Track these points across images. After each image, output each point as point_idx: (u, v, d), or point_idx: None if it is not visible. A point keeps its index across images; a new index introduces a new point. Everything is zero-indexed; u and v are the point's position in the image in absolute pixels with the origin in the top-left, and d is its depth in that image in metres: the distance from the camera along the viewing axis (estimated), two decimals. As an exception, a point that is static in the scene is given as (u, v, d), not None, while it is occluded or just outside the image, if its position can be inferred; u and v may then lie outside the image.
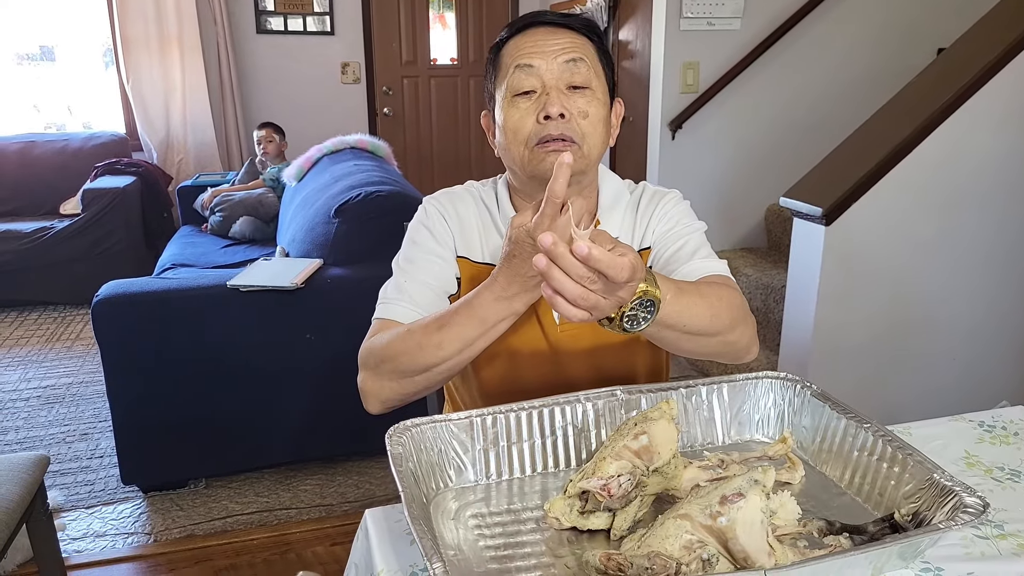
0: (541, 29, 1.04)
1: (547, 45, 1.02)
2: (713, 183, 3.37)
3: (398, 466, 0.84)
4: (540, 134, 1.01)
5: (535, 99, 1.02)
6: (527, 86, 1.02)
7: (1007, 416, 1.16)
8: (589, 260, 0.69)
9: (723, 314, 0.94)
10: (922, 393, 2.29)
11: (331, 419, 2.33)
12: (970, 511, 0.76)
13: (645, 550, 0.74)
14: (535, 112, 1.02)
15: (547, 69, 1.01)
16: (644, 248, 1.13)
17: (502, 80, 1.05)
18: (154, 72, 4.49)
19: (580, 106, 1.02)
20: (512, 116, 1.03)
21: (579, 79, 1.02)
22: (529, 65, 1.01)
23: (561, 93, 1.01)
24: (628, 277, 0.71)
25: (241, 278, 2.25)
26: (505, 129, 1.04)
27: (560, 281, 0.71)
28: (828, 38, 3.32)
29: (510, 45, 1.05)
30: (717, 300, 0.94)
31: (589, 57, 1.04)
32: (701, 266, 1.06)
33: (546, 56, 1.01)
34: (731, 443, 1.04)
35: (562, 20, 1.05)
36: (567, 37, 1.03)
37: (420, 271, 1.08)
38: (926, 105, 2.13)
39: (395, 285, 1.08)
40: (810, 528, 0.81)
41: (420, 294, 1.06)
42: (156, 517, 2.20)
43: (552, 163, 1.01)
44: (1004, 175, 2.19)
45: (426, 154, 5.17)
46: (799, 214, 2.18)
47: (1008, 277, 2.27)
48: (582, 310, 0.73)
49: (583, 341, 1.11)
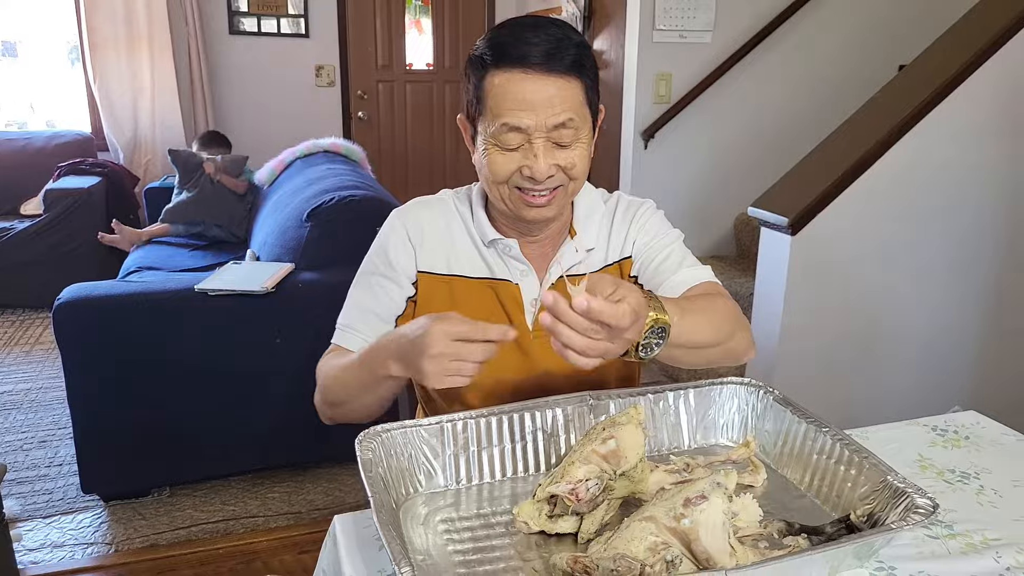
0: (530, 77, 0.97)
1: (537, 101, 0.97)
2: (685, 192, 3.42)
3: (367, 471, 0.85)
4: (522, 183, 1.02)
5: (520, 149, 1.00)
6: (514, 143, 0.99)
7: (959, 420, 1.20)
8: (590, 314, 0.73)
9: (723, 325, 1.00)
10: (882, 398, 2.35)
11: (300, 425, 2.31)
12: (921, 511, 0.79)
13: (611, 552, 0.75)
14: (519, 162, 1.00)
15: (536, 128, 0.98)
16: (625, 258, 1.16)
17: (486, 122, 1.01)
18: (122, 71, 4.42)
19: (566, 160, 1.01)
20: (495, 161, 1.01)
21: (567, 138, 0.99)
22: (518, 128, 0.98)
23: (549, 152, 0.99)
24: (630, 322, 0.76)
25: (210, 282, 2.23)
26: (486, 169, 1.03)
27: (567, 336, 0.76)
28: (795, 53, 3.39)
29: (496, 85, 0.98)
30: (716, 312, 1.00)
31: (577, 106, 0.99)
32: (690, 275, 1.10)
33: (536, 114, 0.97)
34: (697, 447, 1.06)
35: (551, 63, 0.97)
36: (556, 87, 0.97)
37: (371, 298, 1.13)
38: (888, 119, 2.19)
39: (348, 312, 1.14)
40: (770, 529, 0.83)
41: (367, 323, 1.12)
42: (117, 527, 2.16)
43: (529, 216, 1.05)
44: (962, 187, 2.25)
45: (401, 159, 5.16)
46: (766, 223, 2.23)
47: (965, 287, 2.34)
48: (592, 358, 0.78)
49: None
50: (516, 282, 1.12)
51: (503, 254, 1.12)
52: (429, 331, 0.85)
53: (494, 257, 1.12)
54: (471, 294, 1.12)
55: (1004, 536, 0.91)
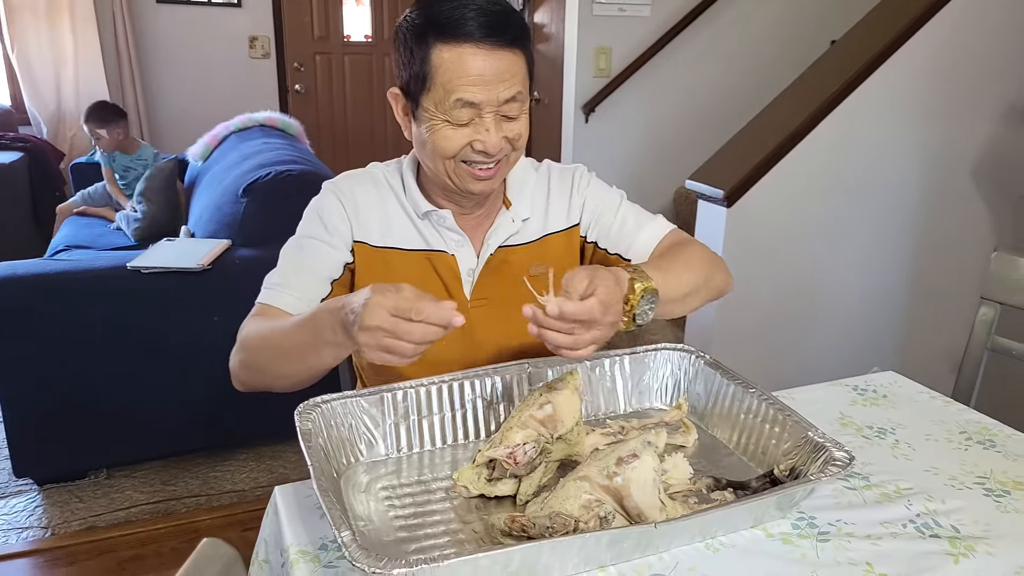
0: (480, 52, 0.96)
1: (491, 75, 0.97)
2: (625, 165, 3.47)
3: (307, 442, 0.85)
4: (469, 156, 1.02)
5: (471, 124, 1.00)
6: (465, 118, 1.00)
7: (878, 381, 1.27)
8: (564, 317, 0.81)
9: (702, 269, 1.08)
10: (812, 361, 2.45)
11: (242, 403, 2.25)
12: (838, 463, 0.84)
13: (547, 511, 0.78)
14: (468, 138, 1.01)
15: (488, 102, 0.98)
16: (572, 226, 1.18)
17: (435, 97, 0.99)
18: (42, 41, 4.20)
19: (513, 132, 1.02)
20: (446, 136, 1.01)
21: (515, 111, 1.01)
22: (471, 103, 0.98)
23: (499, 126, 1.01)
24: (600, 314, 0.83)
25: (143, 259, 2.17)
26: (431, 145, 1.03)
27: (553, 338, 0.83)
28: (732, 28, 3.45)
29: (446, 60, 0.97)
30: (692, 259, 1.08)
31: (523, 79, 1.01)
32: (652, 231, 1.17)
33: (488, 90, 0.98)
34: (632, 411, 1.10)
35: (498, 37, 0.97)
36: (506, 61, 0.98)
37: (306, 258, 1.10)
38: (818, 94, 2.26)
39: (280, 271, 1.10)
40: (699, 486, 0.87)
41: (301, 282, 1.08)
42: (54, 510, 2.11)
43: (476, 188, 1.05)
44: (888, 160, 2.35)
45: (340, 132, 5.07)
46: (703, 196, 2.28)
47: (888, 255, 2.45)
48: (584, 349, 0.84)
49: (495, 317, 1.14)
50: (452, 252, 1.13)
51: (437, 225, 1.12)
52: (368, 302, 0.82)
53: (428, 229, 1.13)
54: (407, 266, 1.12)
55: (915, 485, 0.97)
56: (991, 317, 1.48)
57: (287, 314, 1.05)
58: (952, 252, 2.51)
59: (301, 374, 0.97)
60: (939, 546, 0.85)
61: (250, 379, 1.03)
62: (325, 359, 0.92)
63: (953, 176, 2.44)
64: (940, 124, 2.37)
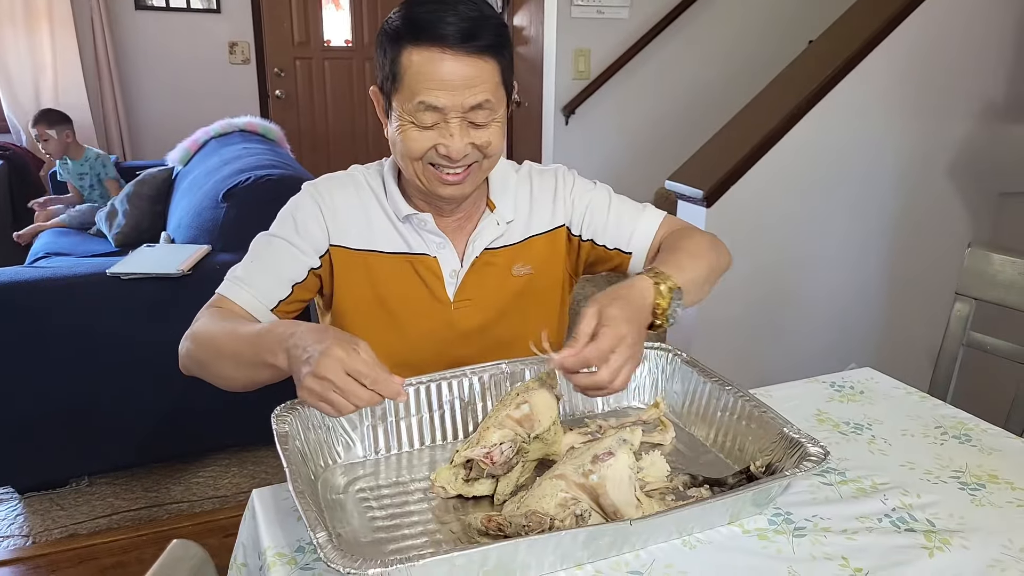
0: (449, 57, 0.96)
1: (454, 81, 0.97)
2: (606, 167, 3.48)
3: (284, 445, 0.85)
4: (434, 159, 1.02)
5: (436, 128, 1.00)
6: (430, 121, 0.99)
7: (855, 377, 1.28)
8: (579, 366, 0.85)
9: (708, 254, 1.10)
10: (791, 359, 2.47)
11: (223, 410, 2.27)
12: (813, 459, 0.85)
13: (524, 510, 0.78)
14: (432, 141, 1.00)
15: (452, 108, 0.98)
16: (557, 227, 1.18)
17: (403, 99, 1.00)
18: (20, 48, 4.16)
19: (482, 139, 1.01)
20: (411, 138, 1.01)
21: (482, 118, 1.00)
22: (434, 107, 0.97)
23: (464, 132, 1.00)
24: (610, 348, 0.85)
25: (123, 265, 2.15)
26: (400, 145, 1.03)
27: (582, 383, 0.87)
28: (710, 29, 3.48)
29: (414, 63, 0.97)
30: (698, 247, 1.11)
31: (494, 87, 1.00)
32: (648, 221, 1.19)
33: (453, 95, 0.97)
34: (610, 410, 1.10)
35: (469, 43, 0.96)
36: (474, 68, 0.97)
37: (271, 256, 1.10)
38: (795, 94, 2.28)
39: (244, 266, 1.10)
40: (676, 483, 0.88)
41: (261, 280, 1.08)
42: (34, 518, 2.09)
43: (444, 192, 1.05)
44: (863, 159, 2.37)
45: (321, 137, 5.05)
46: (683, 196, 2.30)
47: (864, 254, 2.47)
48: (617, 384, 0.86)
49: (476, 318, 1.15)
50: (434, 255, 1.13)
51: (418, 228, 1.12)
52: (327, 353, 0.79)
53: (410, 231, 1.13)
54: (389, 270, 1.12)
55: (891, 480, 0.98)
56: (966, 312, 1.50)
57: (242, 310, 1.06)
58: (929, 248, 2.54)
59: (240, 380, 0.97)
60: (914, 540, 0.85)
61: (193, 369, 1.04)
62: (262, 376, 0.93)
63: (930, 173, 2.46)
64: (916, 122, 2.39)
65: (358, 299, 1.13)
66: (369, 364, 0.79)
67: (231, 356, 0.95)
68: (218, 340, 0.98)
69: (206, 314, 1.05)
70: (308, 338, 0.83)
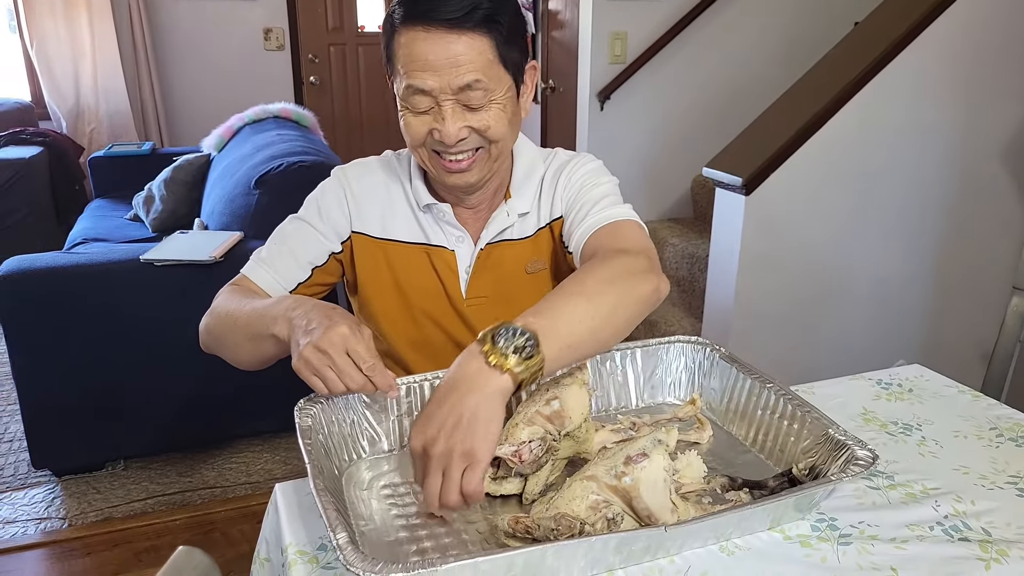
0: (432, 36, 0.91)
1: (440, 61, 0.91)
2: (641, 154, 3.41)
3: (306, 439, 0.83)
4: (436, 146, 0.99)
5: (431, 112, 0.96)
6: (423, 106, 0.95)
7: (903, 374, 1.22)
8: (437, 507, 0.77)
9: (608, 290, 0.87)
10: (834, 354, 2.39)
11: (256, 395, 2.28)
12: (861, 463, 0.80)
13: (553, 512, 0.75)
14: (428, 126, 0.96)
15: (441, 89, 0.93)
16: (555, 219, 1.11)
17: (397, 84, 0.96)
18: (60, 37, 4.23)
19: (479, 122, 0.96)
20: (409, 124, 0.98)
21: (476, 100, 0.94)
22: (422, 90, 0.93)
23: (458, 115, 0.95)
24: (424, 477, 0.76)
25: (156, 252, 2.16)
26: (404, 130, 1.00)
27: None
28: (751, 11, 3.37)
29: (402, 45, 0.93)
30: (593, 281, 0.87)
31: (485, 66, 0.93)
32: (596, 219, 1.02)
33: (439, 75, 0.92)
34: (644, 406, 1.06)
35: (453, 21, 0.91)
36: (461, 45, 0.91)
37: (293, 239, 1.10)
38: (840, 78, 2.19)
39: (268, 247, 1.11)
40: (713, 485, 0.84)
41: (282, 262, 1.08)
42: (71, 501, 2.12)
43: (450, 181, 1.01)
44: (912, 145, 2.28)
45: (355, 124, 5.05)
46: (721, 184, 2.23)
47: (913, 244, 2.38)
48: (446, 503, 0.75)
49: (490, 317, 1.10)
50: (452, 248, 1.10)
51: (438, 219, 1.09)
52: (333, 328, 0.80)
53: (430, 222, 1.10)
54: (406, 259, 1.10)
55: (943, 485, 0.92)
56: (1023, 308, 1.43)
57: (261, 290, 1.06)
58: (981, 239, 2.43)
59: (250, 355, 0.99)
60: (969, 550, 0.80)
61: (211, 345, 1.05)
62: (267, 349, 0.93)
63: (983, 159, 2.36)
64: (968, 107, 2.29)
65: (380, 286, 1.11)
66: (370, 351, 0.82)
67: (243, 327, 0.96)
68: (233, 314, 0.98)
69: (227, 291, 1.06)
70: (315, 312, 0.84)
